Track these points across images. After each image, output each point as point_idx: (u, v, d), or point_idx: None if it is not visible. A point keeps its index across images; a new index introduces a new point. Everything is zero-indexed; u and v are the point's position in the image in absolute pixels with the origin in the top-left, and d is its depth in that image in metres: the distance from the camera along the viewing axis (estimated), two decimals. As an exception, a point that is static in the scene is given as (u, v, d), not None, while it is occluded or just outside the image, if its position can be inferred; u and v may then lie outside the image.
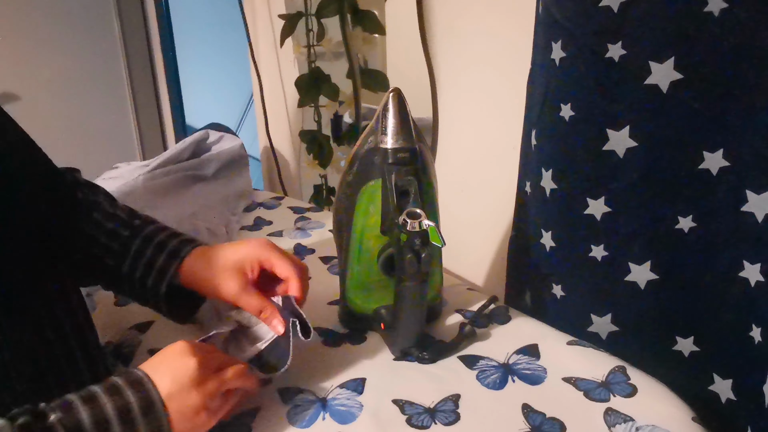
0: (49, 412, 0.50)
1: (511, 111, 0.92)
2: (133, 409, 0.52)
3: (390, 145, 0.69)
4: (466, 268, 1.11)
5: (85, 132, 2.29)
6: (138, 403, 0.53)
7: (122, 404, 0.52)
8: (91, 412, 0.51)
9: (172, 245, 0.71)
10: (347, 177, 0.73)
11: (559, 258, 0.81)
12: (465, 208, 1.12)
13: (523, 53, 0.85)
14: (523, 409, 0.65)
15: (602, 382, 0.69)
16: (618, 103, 0.70)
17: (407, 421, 0.63)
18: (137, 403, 0.52)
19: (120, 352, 0.77)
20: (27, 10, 2.10)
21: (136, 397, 0.53)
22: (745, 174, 0.64)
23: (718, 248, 0.68)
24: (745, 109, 0.62)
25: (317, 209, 1.22)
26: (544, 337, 0.77)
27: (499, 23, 0.99)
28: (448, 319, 0.82)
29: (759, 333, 0.65)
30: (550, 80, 0.77)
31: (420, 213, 0.66)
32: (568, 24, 0.72)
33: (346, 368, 0.72)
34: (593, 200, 0.74)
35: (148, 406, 0.53)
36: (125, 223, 0.73)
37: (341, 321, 0.81)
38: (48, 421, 0.49)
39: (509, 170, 0.93)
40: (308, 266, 0.94)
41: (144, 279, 0.70)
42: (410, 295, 0.67)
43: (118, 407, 0.52)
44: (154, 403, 0.53)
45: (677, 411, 0.65)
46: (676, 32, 0.64)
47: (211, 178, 1.32)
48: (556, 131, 0.77)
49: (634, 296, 0.75)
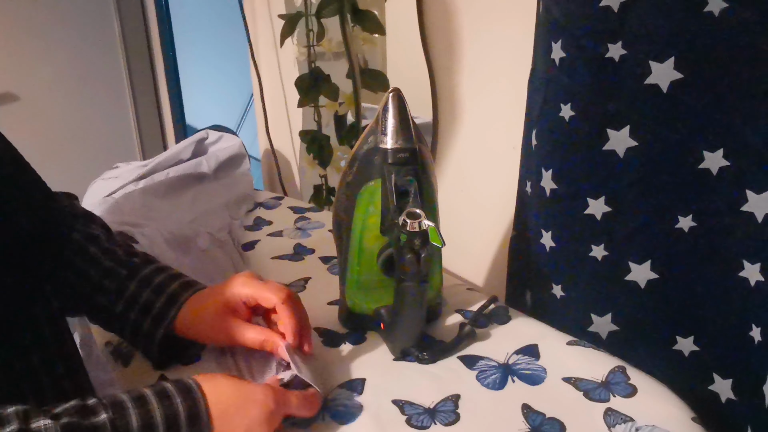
0: (99, 409, 0.50)
1: (511, 111, 0.92)
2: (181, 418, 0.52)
3: (390, 146, 0.69)
4: (466, 268, 1.11)
5: (85, 132, 2.30)
6: (186, 412, 0.53)
7: (170, 410, 0.52)
8: (140, 416, 0.50)
9: (171, 289, 0.70)
10: (347, 177, 0.73)
11: (559, 258, 0.81)
12: (465, 208, 1.12)
13: (524, 53, 0.85)
14: (523, 410, 0.65)
15: (602, 382, 0.69)
16: (618, 103, 0.70)
17: (407, 422, 0.63)
18: (185, 412, 0.52)
19: (119, 352, 0.77)
20: (27, 9, 2.10)
21: (184, 405, 0.53)
22: (745, 174, 0.64)
23: (718, 248, 0.68)
24: (745, 109, 0.62)
25: (317, 209, 1.22)
26: (544, 337, 0.77)
27: (499, 23, 0.99)
28: (448, 319, 0.82)
29: (759, 333, 0.65)
30: (550, 80, 0.77)
31: (420, 213, 0.66)
32: (568, 24, 0.72)
33: (345, 368, 0.72)
34: (593, 200, 0.74)
35: (194, 416, 0.53)
36: (122, 261, 0.71)
37: (341, 321, 0.81)
38: (98, 419, 0.49)
39: (509, 170, 0.93)
40: (308, 266, 0.94)
41: (138, 323, 0.69)
42: (410, 295, 0.67)
43: (164, 414, 0.52)
44: (200, 415, 0.53)
45: (677, 411, 0.64)
46: (676, 32, 0.64)
47: (211, 177, 1.32)
48: (556, 131, 0.77)
49: (634, 296, 0.75)
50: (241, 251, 1.03)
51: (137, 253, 0.74)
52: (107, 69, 2.32)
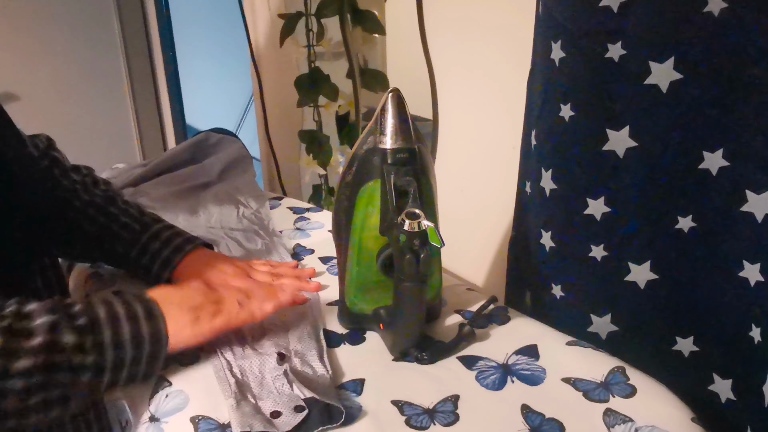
0: (74, 303, 0.61)
1: (511, 111, 0.92)
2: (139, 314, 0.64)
3: (389, 146, 0.69)
4: (466, 268, 1.11)
5: (85, 132, 2.29)
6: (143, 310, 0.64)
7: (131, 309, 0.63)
8: (105, 309, 0.62)
9: (176, 242, 0.85)
10: (346, 177, 0.73)
11: (559, 258, 0.81)
12: (465, 208, 1.12)
13: (523, 53, 0.85)
14: (523, 410, 0.65)
15: (601, 383, 0.69)
16: (618, 103, 0.69)
17: (406, 422, 0.63)
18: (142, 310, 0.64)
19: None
20: (27, 10, 2.10)
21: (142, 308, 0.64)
22: (745, 174, 0.64)
23: (718, 248, 0.68)
24: (744, 109, 0.62)
25: (317, 209, 1.22)
26: (544, 337, 0.77)
27: (499, 23, 0.99)
28: (448, 319, 0.82)
29: (759, 333, 0.65)
30: (550, 80, 0.77)
31: (419, 213, 0.66)
32: (568, 24, 0.72)
33: (345, 369, 0.72)
34: (593, 200, 0.74)
35: (150, 312, 0.64)
36: (135, 218, 0.87)
37: (340, 321, 0.81)
38: (75, 308, 0.60)
39: (509, 170, 0.93)
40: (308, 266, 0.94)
41: (149, 266, 0.84)
42: (409, 295, 0.67)
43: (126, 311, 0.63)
44: (154, 310, 0.65)
45: (677, 411, 0.64)
46: (676, 32, 0.64)
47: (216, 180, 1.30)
48: (556, 131, 0.77)
49: (634, 296, 0.74)
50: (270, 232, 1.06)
51: (146, 212, 0.90)
52: (107, 69, 2.31)
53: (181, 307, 0.67)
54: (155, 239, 0.85)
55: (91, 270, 0.95)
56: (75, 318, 0.59)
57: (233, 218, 1.11)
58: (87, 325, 0.59)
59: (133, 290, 0.69)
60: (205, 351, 0.74)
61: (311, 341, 0.74)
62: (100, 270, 0.94)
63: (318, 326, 0.77)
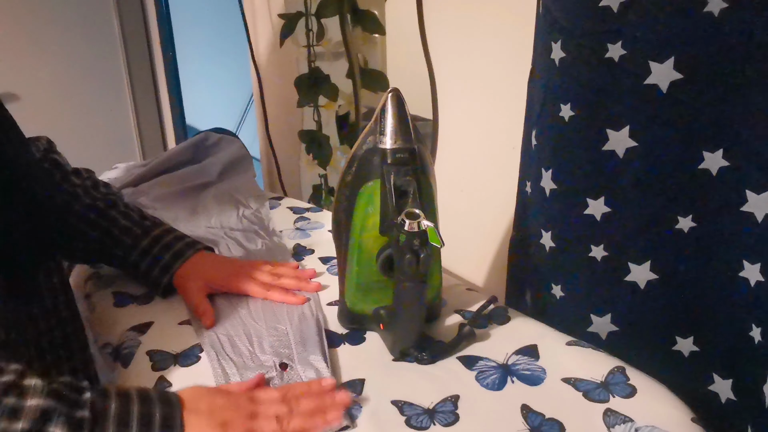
0: (85, 389, 0.55)
1: (511, 111, 0.92)
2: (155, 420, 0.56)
3: (389, 146, 0.69)
4: (466, 268, 1.11)
5: (85, 132, 2.29)
6: (161, 414, 0.56)
7: (147, 411, 0.56)
8: (118, 405, 0.55)
9: (177, 247, 0.85)
10: (346, 177, 0.73)
11: (559, 258, 0.81)
12: (465, 208, 1.12)
13: (523, 53, 0.85)
14: (522, 410, 0.65)
15: (601, 383, 0.69)
16: (618, 103, 0.69)
17: (406, 422, 0.63)
18: (160, 414, 0.56)
19: (119, 353, 0.77)
20: (27, 10, 2.10)
21: (161, 410, 0.56)
22: (745, 174, 0.64)
23: (718, 248, 0.68)
24: (745, 109, 0.62)
25: (317, 209, 1.22)
26: (544, 337, 0.77)
27: (499, 23, 0.99)
28: (448, 319, 0.82)
29: (759, 333, 0.65)
30: (550, 80, 0.77)
31: (419, 213, 0.66)
32: (568, 24, 0.72)
33: (344, 369, 0.71)
34: (593, 200, 0.74)
35: (167, 419, 0.56)
36: (136, 222, 0.87)
37: (340, 321, 0.81)
38: (83, 397, 0.54)
39: (509, 170, 0.93)
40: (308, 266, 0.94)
41: (148, 271, 0.84)
42: (409, 295, 0.67)
43: (141, 413, 0.55)
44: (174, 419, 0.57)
45: (677, 411, 0.64)
46: (676, 32, 0.64)
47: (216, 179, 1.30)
48: (556, 131, 0.77)
49: (634, 296, 0.74)
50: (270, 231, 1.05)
51: (148, 216, 0.90)
52: (107, 69, 2.31)
53: (210, 419, 0.58)
54: (156, 244, 0.85)
55: (91, 270, 0.95)
56: (76, 408, 0.52)
57: (233, 218, 1.11)
58: (87, 421, 0.52)
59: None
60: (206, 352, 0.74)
61: (313, 342, 0.74)
62: (101, 271, 0.94)
63: (320, 326, 0.77)
